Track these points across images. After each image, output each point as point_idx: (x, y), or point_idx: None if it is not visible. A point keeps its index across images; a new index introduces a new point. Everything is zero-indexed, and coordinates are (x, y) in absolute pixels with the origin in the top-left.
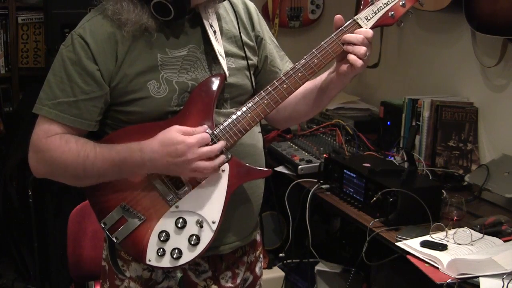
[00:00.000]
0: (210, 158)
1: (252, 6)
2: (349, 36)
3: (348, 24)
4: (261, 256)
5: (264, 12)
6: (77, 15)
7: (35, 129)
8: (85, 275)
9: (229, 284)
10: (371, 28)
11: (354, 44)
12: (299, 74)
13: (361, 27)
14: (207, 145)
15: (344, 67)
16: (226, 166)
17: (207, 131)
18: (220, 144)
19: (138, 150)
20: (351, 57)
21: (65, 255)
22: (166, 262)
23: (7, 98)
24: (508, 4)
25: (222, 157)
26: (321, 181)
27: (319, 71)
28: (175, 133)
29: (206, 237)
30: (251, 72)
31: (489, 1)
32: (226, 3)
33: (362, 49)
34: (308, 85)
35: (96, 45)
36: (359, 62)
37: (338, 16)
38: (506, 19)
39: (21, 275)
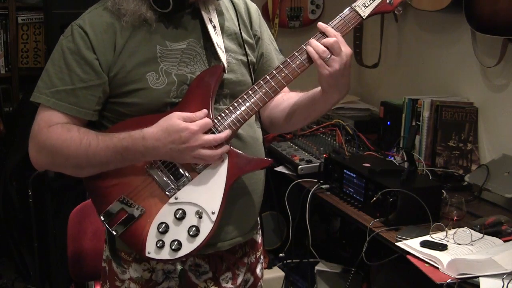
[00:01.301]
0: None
1: (253, 7)
2: (324, 40)
3: (346, 12)
4: (262, 257)
5: (264, 12)
6: (77, 15)
7: (36, 119)
8: (85, 275)
9: (230, 285)
10: (369, 15)
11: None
12: (297, 62)
13: (359, 14)
14: (212, 132)
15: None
16: (225, 156)
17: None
18: (226, 133)
19: (140, 138)
20: (318, 61)
21: (65, 255)
22: (165, 254)
23: (7, 98)
24: (508, 4)
25: (225, 147)
26: (321, 181)
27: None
28: (177, 120)
29: (206, 228)
30: (251, 69)
31: (489, 1)
32: (226, 1)
33: (319, 47)
34: (295, 97)
35: (95, 35)
36: (324, 69)
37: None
38: (506, 19)
39: (21, 275)
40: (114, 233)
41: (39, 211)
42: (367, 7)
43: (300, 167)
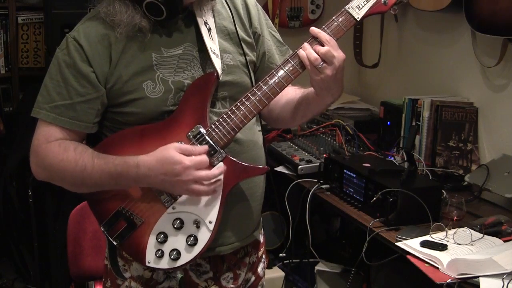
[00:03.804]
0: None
1: (251, 2)
2: (317, 48)
3: (339, 15)
4: (264, 256)
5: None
6: (77, 15)
7: (36, 134)
8: (85, 275)
9: (231, 285)
10: (364, 17)
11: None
12: (290, 68)
13: (353, 16)
14: (207, 143)
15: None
16: (220, 165)
17: (200, 128)
18: (219, 169)
19: (134, 166)
20: (309, 67)
21: (65, 255)
22: (164, 263)
23: (7, 98)
24: (508, 4)
25: (219, 183)
26: (321, 181)
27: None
28: (173, 151)
29: (204, 237)
30: (250, 69)
31: (489, 1)
32: None
33: (312, 55)
34: (293, 93)
35: (90, 47)
36: (317, 75)
37: (313, 29)
38: (506, 19)
39: (21, 275)
40: (115, 243)
41: (39, 211)
42: (361, 8)
43: (300, 167)
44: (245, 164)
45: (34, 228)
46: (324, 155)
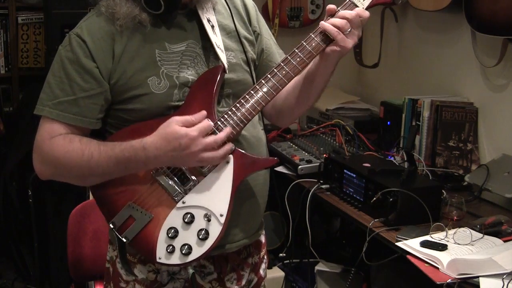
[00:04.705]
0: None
1: (250, 3)
2: (342, 13)
3: (344, 5)
4: (265, 257)
5: (264, 12)
6: (77, 15)
7: (39, 131)
8: (85, 275)
9: (234, 286)
10: (368, 7)
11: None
12: (297, 59)
13: (357, 7)
14: (214, 133)
15: (328, 48)
16: (230, 158)
17: (208, 122)
18: (225, 132)
19: (141, 148)
20: (339, 36)
21: (65, 255)
22: (175, 259)
23: (7, 98)
24: (508, 4)
25: (228, 146)
26: (321, 181)
27: (317, 55)
28: (175, 126)
29: (215, 231)
30: (252, 67)
31: (489, 1)
32: None
33: (343, 23)
34: (291, 81)
35: (93, 43)
36: (348, 42)
37: (331, 6)
38: (506, 19)
39: (21, 275)
40: (124, 240)
41: (39, 211)
42: None
43: (300, 167)
44: (254, 156)
45: (34, 228)
46: (324, 155)
